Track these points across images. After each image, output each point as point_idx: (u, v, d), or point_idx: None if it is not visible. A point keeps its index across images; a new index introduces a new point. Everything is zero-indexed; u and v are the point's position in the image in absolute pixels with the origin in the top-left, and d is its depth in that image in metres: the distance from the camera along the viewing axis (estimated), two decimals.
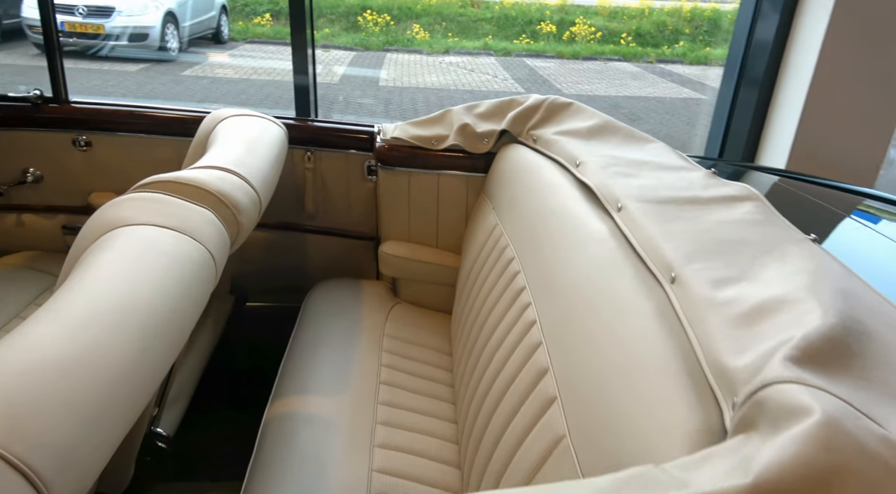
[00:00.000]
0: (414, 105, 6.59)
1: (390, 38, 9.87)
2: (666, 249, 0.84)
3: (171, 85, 6.78)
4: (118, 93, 6.26)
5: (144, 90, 6.46)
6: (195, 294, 0.81)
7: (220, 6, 9.31)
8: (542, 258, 1.07)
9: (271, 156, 1.29)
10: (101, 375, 0.60)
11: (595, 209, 1.06)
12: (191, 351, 1.46)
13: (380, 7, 10.64)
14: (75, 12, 7.33)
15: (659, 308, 0.76)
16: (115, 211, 0.86)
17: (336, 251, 1.79)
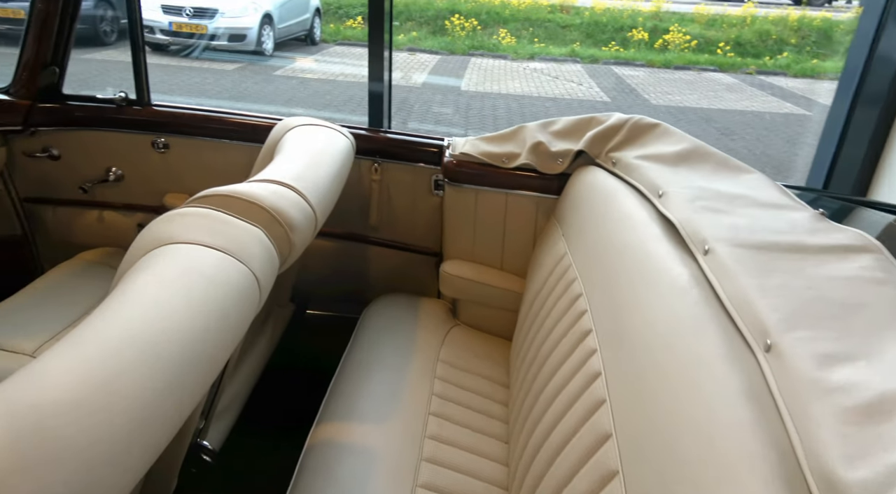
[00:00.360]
0: (494, 111, 6.51)
1: (476, 43, 9.85)
2: (761, 308, 0.72)
3: (262, 84, 7.05)
4: (215, 90, 6.58)
5: (239, 88, 6.75)
6: (234, 322, 0.77)
7: (314, 9, 9.62)
8: (612, 300, 0.96)
9: (334, 170, 1.26)
10: (119, 415, 0.56)
11: (677, 249, 0.94)
12: (247, 358, 1.46)
13: (468, 11, 10.65)
14: (182, 13, 7.79)
15: (748, 382, 0.64)
16: (165, 226, 0.83)
17: (398, 265, 1.74)
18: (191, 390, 0.68)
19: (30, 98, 1.57)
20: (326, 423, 1.18)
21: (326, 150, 1.30)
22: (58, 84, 1.59)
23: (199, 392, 0.71)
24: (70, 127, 1.60)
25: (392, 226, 1.70)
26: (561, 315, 1.13)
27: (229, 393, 1.35)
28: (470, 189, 1.52)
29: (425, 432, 1.18)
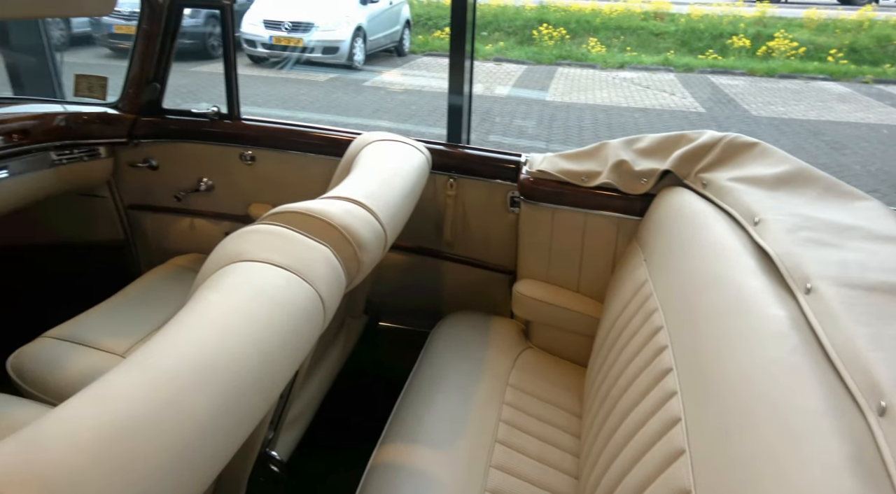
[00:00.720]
0: (580, 122, 6.36)
1: (563, 52, 9.69)
2: (874, 362, 0.62)
3: (352, 94, 7.28)
4: (307, 100, 6.87)
5: (329, 98, 7.01)
6: (297, 342, 0.77)
7: (404, 21, 9.86)
8: (696, 338, 0.88)
9: (407, 187, 1.25)
10: (179, 433, 0.57)
11: (774, 286, 0.84)
12: (318, 368, 1.48)
13: (556, 20, 10.52)
14: (281, 28, 8.21)
15: (856, 448, 0.56)
16: (237, 243, 0.85)
17: (471, 281, 1.71)
18: (249, 409, 0.68)
19: (134, 112, 1.69)
20: (391, 444, 1.17)
21: (401, 167, 1.30)
22: (159, 99, 1.69)
23: (259, 409, 0.71)
24: (168, 139, 1.70)
25: (466, 242, 1.68)
26: (639, 348, 1.05)
27: (300, 404, 1.37)
28: (546, 207, 1.47)
29: (490, 461, 1.14)
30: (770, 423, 0.64)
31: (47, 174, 1.57)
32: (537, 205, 1.47)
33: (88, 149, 1.65)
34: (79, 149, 1.63)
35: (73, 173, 1.64)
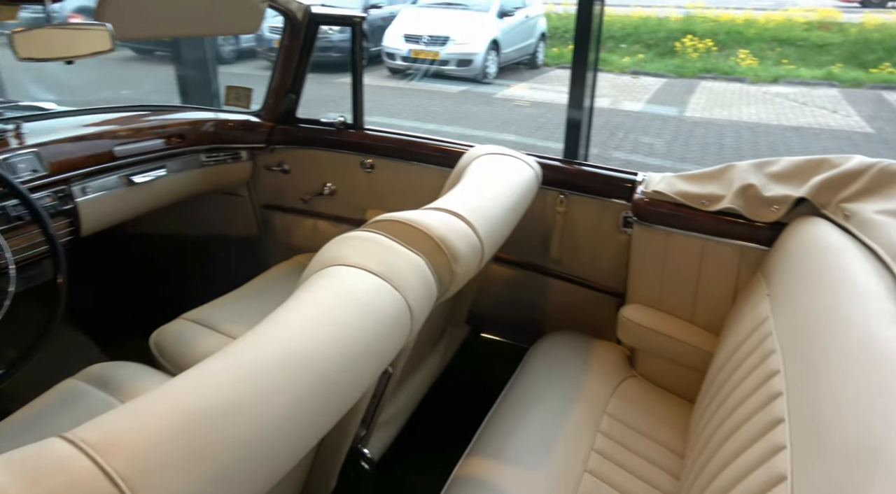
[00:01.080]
0: (720, 139, 5.93)
1: (708, 65, 9.11)
2: None
3: (482, 106, 7.40)
4: (438, 111, 7.09)
5: (460, 110, 7.18)
6: (381, 347, 0.79)
7: (539, 34, 9.84)
8: (817, 389, 0.78)
9: (511, 202, 1.24)
10: (260, 421, 0.61)
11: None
12: (416, 373, 1.51)
13: (703, 31, 9.91)
14: (420, 41, 8.56)
15: None
16: (337, 248, 0.89)
17: (576, 301, 1.66)
18: (330, 406, 0.71)
19: (272, 120, 1.85)
20: (476, 457, 1.16)
21: (507, 181, 1.29)
22: (294, 109, 1.84)
23: (339, 407, 0.74)
24: (299, 146, 1.84)
25: (574, 260, 1.63)
26: (749, 393, 0.95)
27: (395, 406, 1.40)
28: (661, 230, 1.38)
29: (577, 491, 1.09)
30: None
31: (197, 173, 1.77)
32: (651, 227, 1.40)
33: (232, 152, 1.83)
34: (224, 152, 1.81)
35: (218, 173, 1.83)
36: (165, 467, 0.51)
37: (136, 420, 0.54)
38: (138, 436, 0.52)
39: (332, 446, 1.07)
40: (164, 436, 0.53)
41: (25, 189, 1.22)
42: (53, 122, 1.52)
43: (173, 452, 0.53)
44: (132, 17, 1.22)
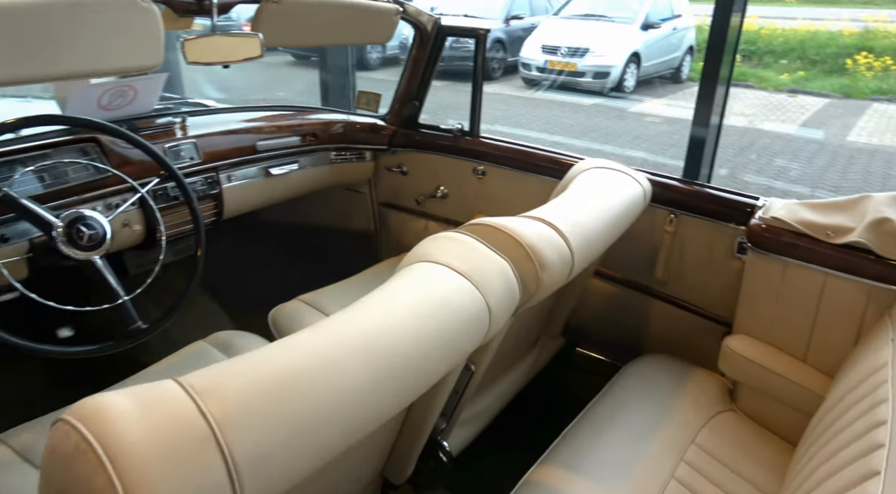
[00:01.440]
0: (889, 169, 5.27)
1: (885, 86, 8.12)
2: None
3: (613, 120, 7.20)
4: (567, 124, 7.02)
5: (589, 123, 7.05)
6: (456, 342, 0.84)
7: (686, 47, 9.37)
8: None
9: (611, 217, 1.23)
10: (334, 391, 0.68)
11: None
12: (504, 377, 1.54)
13: (884, 48, 8.85)
14: (557, 53, 8.51)
15: None
16: (429, 245, 0.96)
17: (679, 325, 1.59)
18: (402, 388, 0.76)
19: (396, 124, 1.97)
20: (550, 464, 1.17)
21: (610, 195, 1.28)
22: (416, 114, 1.95)
23: (410, 390, 0.79)
24: (418, 149, 1.95)
25: (680, 283, 1.56)
26: (850, 441, 0.87)
27: (479, 405, 1.44)
28: (777, 259, 1.29)
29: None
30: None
31: (325, 170, 1.93)
32: (766, 256, 1.31)
33: (357, 152, 1.98)
34: (350, 151, 1.96)
35: (344, 171, 1.98)
36: (251, 415, 0.60)
37: (235, 375, 0.63)
38: (234, 388, 0.61)
39: (411, 433, 1.13)
40: (254, 390, 0.62)
41: (181, 174, 1.43)
42: (212, 117, 1.74)
43: (260, 404, 0.61)
44: (281, 28, 1.38)
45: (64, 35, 1.00)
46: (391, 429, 1.08)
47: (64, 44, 1.01)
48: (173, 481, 0.54)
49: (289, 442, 0.62)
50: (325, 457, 0.68)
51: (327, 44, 2.28)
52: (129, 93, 1.52)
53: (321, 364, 0.68)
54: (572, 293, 1.57)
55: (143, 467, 0.53)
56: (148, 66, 1.16)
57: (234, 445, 0.57)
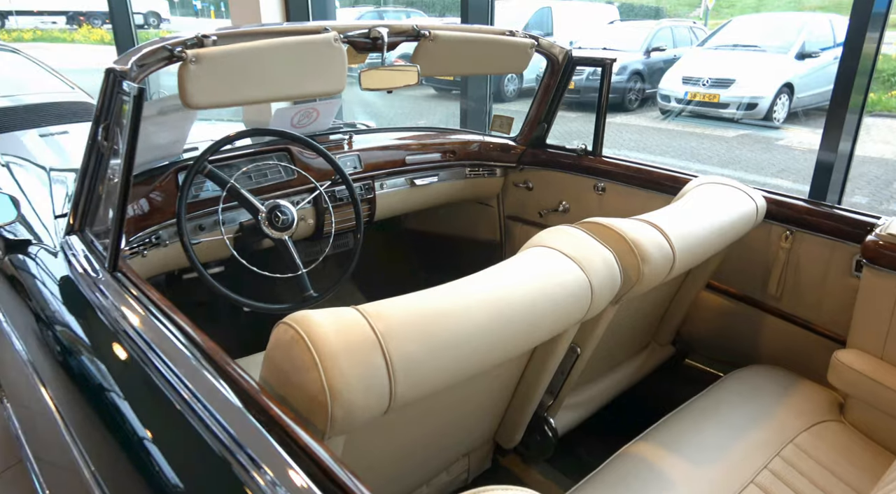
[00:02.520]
0: None
1: None
2: None
3: (759, 152, 6.87)
4: (706, 155, 6.81)
5: (731, 154, 6.78)
6: (557, 310, 1.02)
7: None
8: None
9: (716, 226, 1.34)
10: (464, 326, 0.90)
11: None
12: (612, 373, 1.66)
13: None
14: (699, 84, 8.30)
15: None
16: (545, 234, 1.16)
17: (790, 341, 1.62)
18: (509, 335, 0.96)
19: (525, 144, 2.19)
20: (645, 442, 1.28)
21: (716, 206, 1.39)
22: (544, 136, 2.15)
23: (517, 340, 0.98)
24: (544, 167, 2.15)
25: (795, 299, 1.60)
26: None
27: (586, 394, 1.58)
28: (893, 275, 1.31)
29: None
30: None
31: (460, 183, 2.20)
32: (881, 271, 1.33)
33: (489, 169, 2.23)
34: (483, 168, 2.22)
35: (476, 185, 2.24)
36: (406, 333, 0.84)
37: (395, 307, 0.87)
38: (395, 314, 0.85)
39: (521, 400, 1.32)
40: (408, 318, 0.86)
41: (350, 179, 1.76)
42: (371, 136, 2.09)
43: (412, 327, 0.85)
44: (434, 61, 1.67)
45: (278, 68, 1.35)
46: (505, 391, 1.27)
47: (278, 74, 1.36)
48: (353, 369, 0.78)
49: (431, 356, 0.85)
50: (456, 374, 0.90)
51: (471, 73, 2.58)
52: (314, 114, 1.90)
53: (457, 304, 0.91)
54: (682, 301, 1.67)
55: (334, 356, 0.78)
56: (335, 91, 1.49)
57: (393, 352, 0.81)
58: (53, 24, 18.21)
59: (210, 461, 0.76)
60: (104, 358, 1.01)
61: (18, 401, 1.49)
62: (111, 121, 1.16)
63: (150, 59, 1.21)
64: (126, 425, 0.88)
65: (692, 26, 11.12)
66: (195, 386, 0.84)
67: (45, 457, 1.26)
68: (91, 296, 1.12)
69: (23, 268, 1.35)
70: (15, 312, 1.34)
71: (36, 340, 1.21)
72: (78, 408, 1.01)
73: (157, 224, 1.55)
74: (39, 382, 1.14)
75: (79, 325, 1.11)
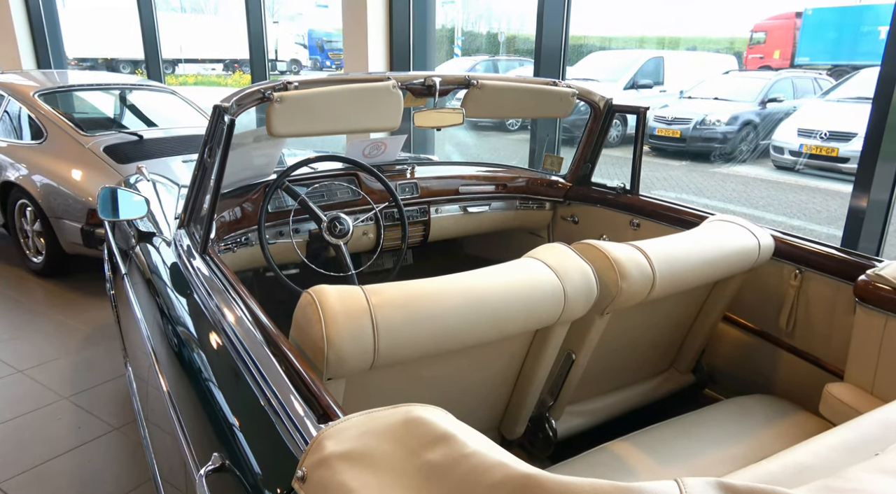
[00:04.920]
0: None
1: None
2: None
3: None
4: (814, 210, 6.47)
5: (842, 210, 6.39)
6: (531, 307, 1.23)
7: None
8: None
9: (708, 255, 1.47)
10: (440, 305, 1.13)
11: None
12: (621, 391, 1.79)
13: None
14: (815, 136, 7.91)
15: None
16: (540, 249, 1.37)
17: (800, 375, 1.67)
18: (484, 322, 1.17)
19: (571, 181, 2.40)
20: (625, 442, 1.41)
21: (713, 239, 1.52)
22: (589, 174, 2.35)
23: (493, 325, 1.18)
24: (588, 203, 2.34)
25: (805, 334, 1.66)
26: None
27: (591, 405, 1.73)
28: (879, 314, 1.38)
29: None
30: None
31: (510, 213, 2.45)
32: (870, 310, 1.40)
33: (539, 202, 2.46)
34: (533, 201, 2.45)
35: (526, 216, 2.47)
36: (392, 305, 1.10)
37: (389, 289, 1.14)
38: (387, 293, 1.12)
39: (520, 393, 1.50)
40: (397, 295, 1.12)
41: (402, 202, 2.08)
42: (433, 167, 2.41)
43: (398, 302, 1.11)
44: (481, 106, 1.96)
45: (344, 107, 1.70)
46: (504, 382, 1.47)
47: (344, 113, 1.71)
48: (347, 326, 1.06)
49: (410, 325, 1.10)
50: (434, 345, 1.14)
51: (515, 117, 2.85)
52: (382, 146, 2.25)
53: (437, 289, 1.16)
54: (699, 330, 1.78)
55: (334, 315, 1.06)
56: (391, 127, 1.82)
57: (379, 319, 1.08)
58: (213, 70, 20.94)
59: (245, 393, 1.05)
60: (192, 318, 1.37)
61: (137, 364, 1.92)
62: (213, 144, 1.56)
63: (247, 99, 1.61)
64: (202, 373, 1.21)
65: (816, 77, 10.61)
66: (243, 338, 1.14)
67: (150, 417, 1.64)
68: (186, 273, 1.49)
69: (146, 252, 1.78)
70: (138, 285, 1.77)
71: (151, 311, 1.60)
72: (174, 371, 1.36)
73: (245, 227, 1.94)
74: (149, 344, 1.53)
75: (175, 295, 1.49)
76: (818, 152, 7.84)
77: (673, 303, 1.63)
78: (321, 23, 22.34)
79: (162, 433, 1.57)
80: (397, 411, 0.75)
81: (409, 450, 0.69)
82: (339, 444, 0.72)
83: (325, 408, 0.89)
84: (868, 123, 1.77)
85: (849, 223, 1.85)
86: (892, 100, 1.74)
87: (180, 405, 1.25)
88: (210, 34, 20.17)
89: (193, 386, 1.22)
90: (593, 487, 0.53)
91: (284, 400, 0.93)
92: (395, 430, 0.72)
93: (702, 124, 9.42)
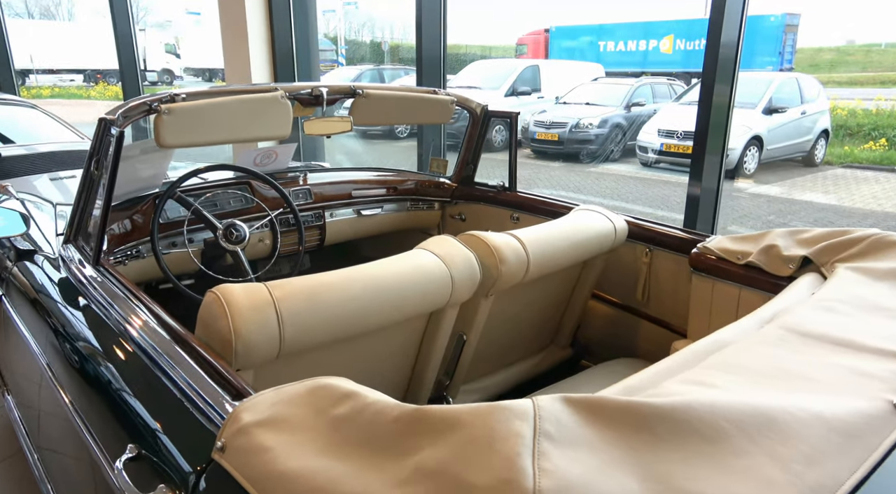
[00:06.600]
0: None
1: None
2: None
3: (727, 200, 7.29)
4: (675, 201, 7.22)
5: None
6: (422, 291, 1.36)
7: (819, 131, 9.22)
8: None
9: (573, 239, 1.69)
10: (342, 292, 1.24)
11: None
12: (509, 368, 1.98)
13: None
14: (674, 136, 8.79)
15: None
16: (429, 240, 1.51)
17: (657, 338, 1.95)
18: (384, 306, 1.29)
19: (457, 182, 2.59)
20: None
21: (576, 225, 1.75)
22: (472, 175, 2.55)
23: (391, 308, 1.31)
24: (472, 201, 2.53)
25: (657, 303, 1.94)
26: None
27: (483, 383, 1.90)
28: (707, 279, 1.67)
29: None
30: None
31: (402, 214, 2.59)
32: (700, 276, 1.69)
33: (428, 202, 2.62)
34: (423, 202, 2.61)
35: (417, 216, 2.62)
36: (295, 296, 1.18)
37: (293, 281, 1.22)
38: (287, 286, 1.20)
39: (420, 372, 1.62)
40: (299, 288, 1.21)
41: (297, 207, 2.15)
42: (324, 174, 2.50)
43: (301, 293, 1.19)
44: (367, 114, 2.09)
45: (234, 117, 1.76)
46: (404, 361, 1.58)
47: (233, 123, 1.76)
48: (252, 319, 1.13)
49: (314, 314, 1.19)
50: (339, 330, 1.24)
51: (400, 123, 3.02)
52: (273, 155, 2.31)
53: (339, 280, 1.26)
54: (573, 308, 2.01)
55: (239, 310, 1.13)
56: (282, 136, 1.89)
57: (283, 310, 1.16)
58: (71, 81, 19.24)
59: (157, 390, 1.09)
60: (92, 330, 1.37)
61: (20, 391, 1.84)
62: (101, 156, 1.56)
63: (133, 111, 1.62)
64: (112, 383, 1.22)
65: (671, 83, 11.81)
66: (152, 339, 1.18)
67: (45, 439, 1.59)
68: (80, 286, 1.48)
69: (27, 272, 1.73)
70: (22, 307, 1.70)
71: (43, 331, 1.56)
72: (75, 382, 1.34)
73: (136, 240, 1.93)
74: (42, 363, 1.49)
75: (70, 309, 1.47)
76: (677, 150, 8.75)
77: (549, 284, 1.84)
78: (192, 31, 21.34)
79: (59, 456, 1.54)
80: (305, 382, 0.86)
81: (317, 410, 0.80)
82: (255, 415, 0.82)
83: (238, 390, 0.97)
84: (696, 123, 2.10)
85: (688, 208, 2.18)
86: (712, 104, 2.08)
87: (87, 415, 1.25)
88: (65, 42, 18.53)
89: (101, 394, 1.23)
90: (469, 408, 0.67)
91: (199, 385, 0.99)
92: (305, 396, 0.83)
93: (576, 127, 10.17)
